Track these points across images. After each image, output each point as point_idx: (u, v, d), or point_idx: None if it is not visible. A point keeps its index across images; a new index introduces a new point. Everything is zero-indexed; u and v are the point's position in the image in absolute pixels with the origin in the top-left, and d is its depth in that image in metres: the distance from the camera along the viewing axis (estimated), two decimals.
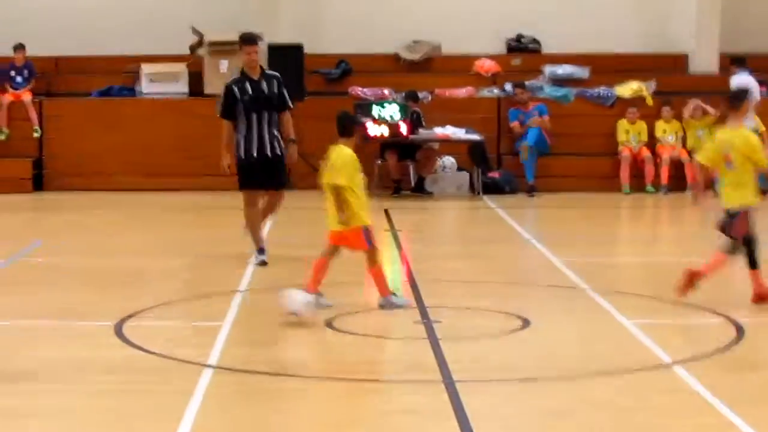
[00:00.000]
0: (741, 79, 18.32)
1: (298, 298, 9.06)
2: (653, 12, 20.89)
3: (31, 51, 19.61)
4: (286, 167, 12.04)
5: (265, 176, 11.84)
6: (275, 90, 11.87)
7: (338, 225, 9.49)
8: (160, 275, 11.69)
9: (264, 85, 11.85)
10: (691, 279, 9.61)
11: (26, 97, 19.25)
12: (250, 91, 11.77)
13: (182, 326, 9.30)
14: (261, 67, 11.99)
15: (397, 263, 11.94)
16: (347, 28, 20.59)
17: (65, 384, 7.44)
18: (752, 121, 18.30)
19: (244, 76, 11.89)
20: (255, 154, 11.77)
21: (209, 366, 7.78)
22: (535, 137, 18.82)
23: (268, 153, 11.79)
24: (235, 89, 11.81)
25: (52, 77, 20.06)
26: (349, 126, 9.79)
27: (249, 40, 12.02)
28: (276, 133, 11.88)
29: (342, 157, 9.56)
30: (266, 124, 11.82)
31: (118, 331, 8.80)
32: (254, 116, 11.77)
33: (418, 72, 20.35)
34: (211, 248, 13.07)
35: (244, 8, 19.94)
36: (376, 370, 7.93)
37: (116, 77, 19.98)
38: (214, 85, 18.67)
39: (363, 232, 9.47)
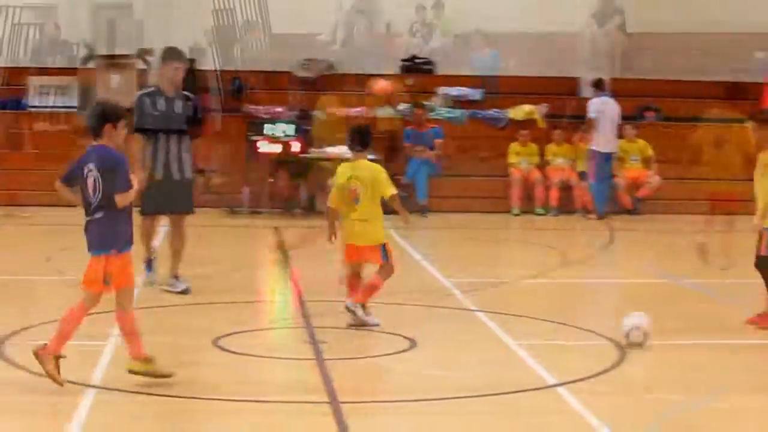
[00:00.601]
0: (599, 102, 18.65)
1: (637, 322, 9.14)
2: (546, 35, 21.15)
3: None
4: (193, 193, 11.34)
5: (169, 200, 11.09)
6: (190, 112, 11.16)
7: (364, 241, 9.78)
8: (44, 293, 11.47)
9: (178, 105, 11.12)
10: None
11: None
12: (162, 108, 11.06)
13: (65, 345, 9.11)
14: (180, 87, 11.19)
15: (287, 283, 11.88)
16: (241, 45, 20.49)
17: None
18: (614, 143, 18.67)
19: (157, 91, 11.14)
20: (159, 177, 11.01)
21: (92, 386, 7.66)
22: (420, 163, 18.94)
23: (175, 176, 11.08)
24: (146, 101, 11.07)
25: None
26: (370, 139, 10.14)
27: (179, 56, 11.25)
28: (186, 156, 11.13)
29: (378, 169, 9.90)
30: (175, 145, 11.06)
31: None
32: (161, 135, 11.02)
33: (311, 90, 20.34)
34: None
35: (136, 23, 19.75)
36: (262, 391, 7.87)
37: (3, 89, 19.61)
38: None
39: (381, 249, 9.82)
